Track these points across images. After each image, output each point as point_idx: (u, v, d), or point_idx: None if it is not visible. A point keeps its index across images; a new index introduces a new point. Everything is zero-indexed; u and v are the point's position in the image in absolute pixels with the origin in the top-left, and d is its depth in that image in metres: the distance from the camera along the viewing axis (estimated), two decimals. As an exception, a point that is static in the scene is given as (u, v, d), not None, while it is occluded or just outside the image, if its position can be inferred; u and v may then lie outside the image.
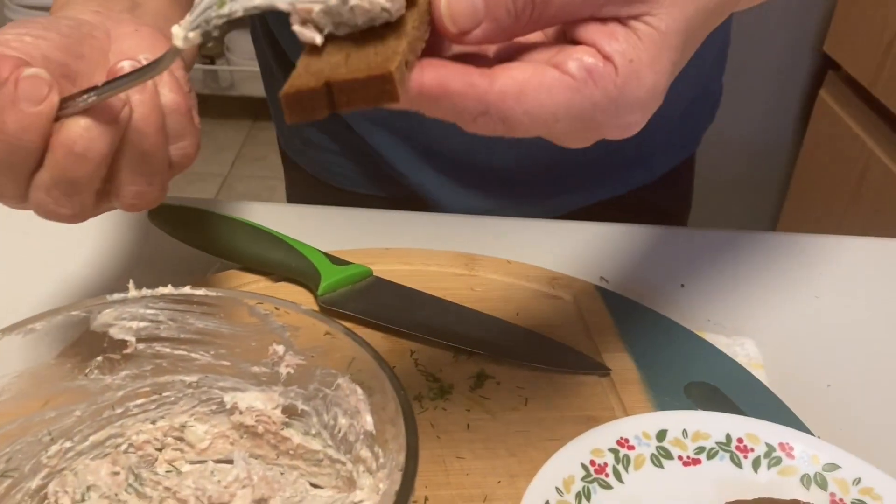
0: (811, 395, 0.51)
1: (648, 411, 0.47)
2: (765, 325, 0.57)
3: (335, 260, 0.56)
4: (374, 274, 0.57)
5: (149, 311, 0.38)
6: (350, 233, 0.65)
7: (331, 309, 0.53)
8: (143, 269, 0.60)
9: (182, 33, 0.31)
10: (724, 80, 0.81)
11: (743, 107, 1.71)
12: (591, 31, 0.31)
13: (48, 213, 0.38)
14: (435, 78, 0.29)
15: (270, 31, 0.75)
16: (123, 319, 0.38)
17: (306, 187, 0.82)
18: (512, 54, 0.32)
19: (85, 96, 0.35)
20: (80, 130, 0.35)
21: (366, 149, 0.74)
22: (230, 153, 2.63)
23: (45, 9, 2.54)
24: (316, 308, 0.54)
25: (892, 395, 0.52)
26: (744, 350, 0.55)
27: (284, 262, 0.56)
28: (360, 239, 0.64)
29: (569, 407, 0.48)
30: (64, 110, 0.35)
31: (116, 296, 0.38)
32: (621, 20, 0.31)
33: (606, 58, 0.30)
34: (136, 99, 0.37)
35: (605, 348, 0.52)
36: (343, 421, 0.39)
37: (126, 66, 0.36)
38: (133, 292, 0.38)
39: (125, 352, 0.39)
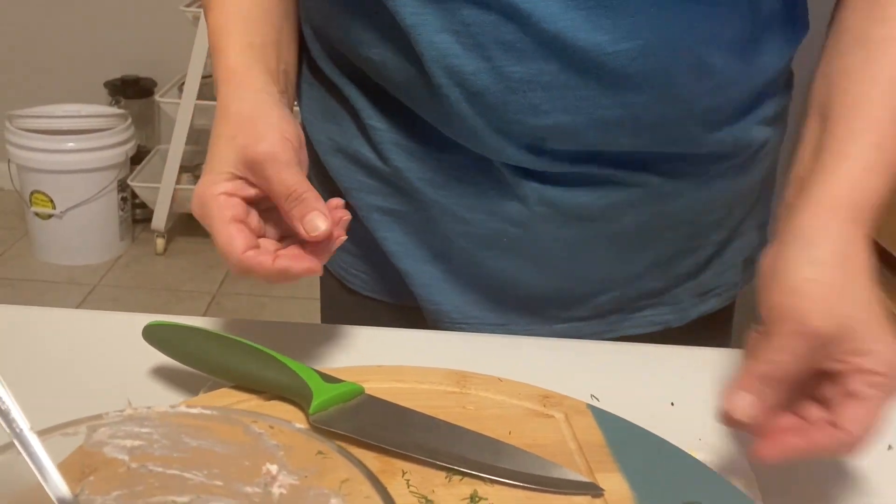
0: (805, 515, 0.51)
1: (643, 532, 0.47)
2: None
3: (327, 378, 0.57)
4: (367, 392, 0.57)
5: (143, 430, 0.38)
6: (342, 349, 0.66)
7: (322, 428, 0.53)
8: (137, 386, 0.60)
9: None
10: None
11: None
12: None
13: None
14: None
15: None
16: (118, 438, 0.38)
17: (333, 293, 0.83)
18: None
19: None
20: None
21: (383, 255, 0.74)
22: (219, 271, 2.65)
23: (47, 132, 2.60)
24: (308, 427, 0.54)
25: (886, 516, 0.52)
26: (736, 469, 0.55)
27: (276, 380, 0.56)
28: (352, 356, 0.64)
29: (563, 528, 0.47)
30: None
31: (112, 414, 0.38)
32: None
33: None
34: None
35: (597, 468, 0.52)
36: (336, 542, 0.39)
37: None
38: (129, 410, 0.38)
39: (118, 471, 0.39)
